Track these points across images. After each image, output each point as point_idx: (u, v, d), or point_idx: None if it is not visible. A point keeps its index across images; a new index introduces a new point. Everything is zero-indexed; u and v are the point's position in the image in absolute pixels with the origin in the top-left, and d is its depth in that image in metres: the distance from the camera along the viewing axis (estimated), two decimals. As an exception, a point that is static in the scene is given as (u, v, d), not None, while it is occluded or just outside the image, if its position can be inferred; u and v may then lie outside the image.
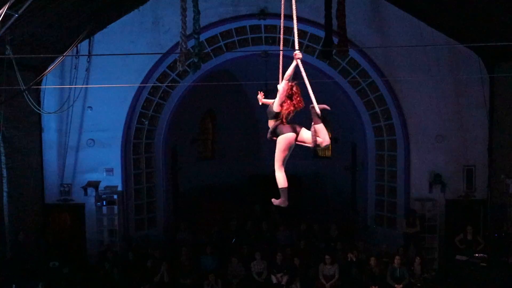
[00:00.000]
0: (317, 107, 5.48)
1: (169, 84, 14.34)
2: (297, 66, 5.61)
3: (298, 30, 5.82)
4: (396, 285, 12.01)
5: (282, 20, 6.01)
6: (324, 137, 5.58)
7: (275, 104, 5.87)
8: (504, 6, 9.83)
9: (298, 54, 5.59)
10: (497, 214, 13.19)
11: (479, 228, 13.67)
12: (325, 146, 5.70)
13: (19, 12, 8.82)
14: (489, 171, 13.76)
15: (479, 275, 11.99)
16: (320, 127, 5.56)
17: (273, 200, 5.95)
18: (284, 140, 5.80)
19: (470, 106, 13.70)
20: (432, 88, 13.57)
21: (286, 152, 5.87)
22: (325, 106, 5.62)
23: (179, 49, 11.11)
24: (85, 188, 13.92)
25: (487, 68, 13.38)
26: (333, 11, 11.70)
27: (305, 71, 5.55)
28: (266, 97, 6.59)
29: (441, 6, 12.23)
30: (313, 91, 5.42)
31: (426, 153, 13.96)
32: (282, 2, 6.02)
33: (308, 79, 5.54)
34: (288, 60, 5.85)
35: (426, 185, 13.98)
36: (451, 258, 12.91)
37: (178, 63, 11.29)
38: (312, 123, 5.55)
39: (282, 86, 5.74)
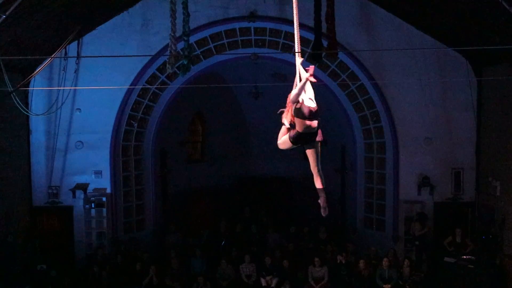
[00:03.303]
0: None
1: (159, 86, 14.30)
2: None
3: (287, 33, 5.81)
4: (384, 286, 12.07)
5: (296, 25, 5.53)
6: None
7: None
8: (491, 10, 9.91)
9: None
10: (485, 216, 13.28)
11: (467, 230, 13.74)
12: None
13: (7, 13, 8.76)
14: (477, 174, 13.86)
15: (467, 277, 12.07)
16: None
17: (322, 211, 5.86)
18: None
19: (458, 109, 13.80)
20: (420, 91, 13.65)
21: None
22: None
23: (168, 51, 11.09)
24: (73, 191, 13.83)
25: (474, 72, 13.50)
26: (323, 14, 11.75)
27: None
28: (256, 99, 6.59)
29: (430, 9, 12.31)
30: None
31: (415, 156, 14.03)
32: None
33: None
34: (280, 62, 5.90)
35: (414, 188, 14.04)
36: (440, 260, 12.98)
37: (167, 65, 11.27)
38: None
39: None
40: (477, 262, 12.31)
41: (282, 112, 5.63)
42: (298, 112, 5.31)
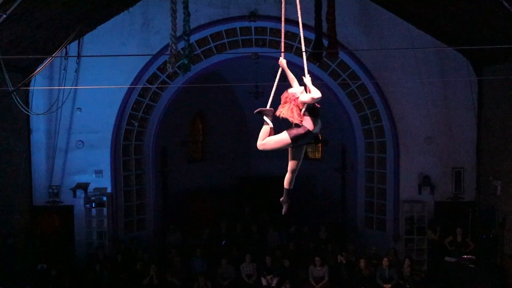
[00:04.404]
0: None
1: (159, 85, 14.30)
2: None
3: (287, 32, 5.92)
4: (384, 285, 12.07)
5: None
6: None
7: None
8: (492, 10, 9.90)
9: (281, 60, 5.97)
10: (485, 215, 13.28)
11: (467, 230, 13.74)
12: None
13: (7, 12, 8.75)
14: (478, 173, 13.86)
15: (468, 276, 12.07)
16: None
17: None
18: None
19: (459, 109, 13.80)
20: (421, 91, 13.65)
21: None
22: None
23: (169, 50, 11.08)
24: (74, 190, 13.83)
25: (475, 71, 13.50)
26: (323, 13, 11.74)
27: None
28: (256, 98, 6.71)
29: (430, 9, 12.30)
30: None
31: (415, 155, 14.03)
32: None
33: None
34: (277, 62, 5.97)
35: (415, 187, 14.04)
36: (440, 259, 12.98)
37: (168, 64, 11.26)
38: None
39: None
40: (478, 261, 12.32)
41: (261, 112, 5.81)
42: (312, 111, 5.53)
